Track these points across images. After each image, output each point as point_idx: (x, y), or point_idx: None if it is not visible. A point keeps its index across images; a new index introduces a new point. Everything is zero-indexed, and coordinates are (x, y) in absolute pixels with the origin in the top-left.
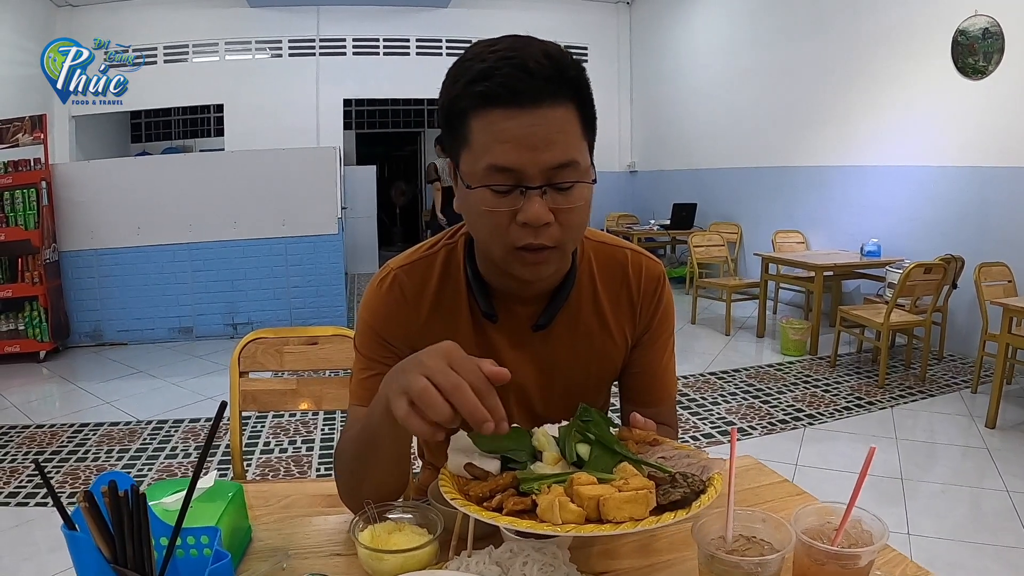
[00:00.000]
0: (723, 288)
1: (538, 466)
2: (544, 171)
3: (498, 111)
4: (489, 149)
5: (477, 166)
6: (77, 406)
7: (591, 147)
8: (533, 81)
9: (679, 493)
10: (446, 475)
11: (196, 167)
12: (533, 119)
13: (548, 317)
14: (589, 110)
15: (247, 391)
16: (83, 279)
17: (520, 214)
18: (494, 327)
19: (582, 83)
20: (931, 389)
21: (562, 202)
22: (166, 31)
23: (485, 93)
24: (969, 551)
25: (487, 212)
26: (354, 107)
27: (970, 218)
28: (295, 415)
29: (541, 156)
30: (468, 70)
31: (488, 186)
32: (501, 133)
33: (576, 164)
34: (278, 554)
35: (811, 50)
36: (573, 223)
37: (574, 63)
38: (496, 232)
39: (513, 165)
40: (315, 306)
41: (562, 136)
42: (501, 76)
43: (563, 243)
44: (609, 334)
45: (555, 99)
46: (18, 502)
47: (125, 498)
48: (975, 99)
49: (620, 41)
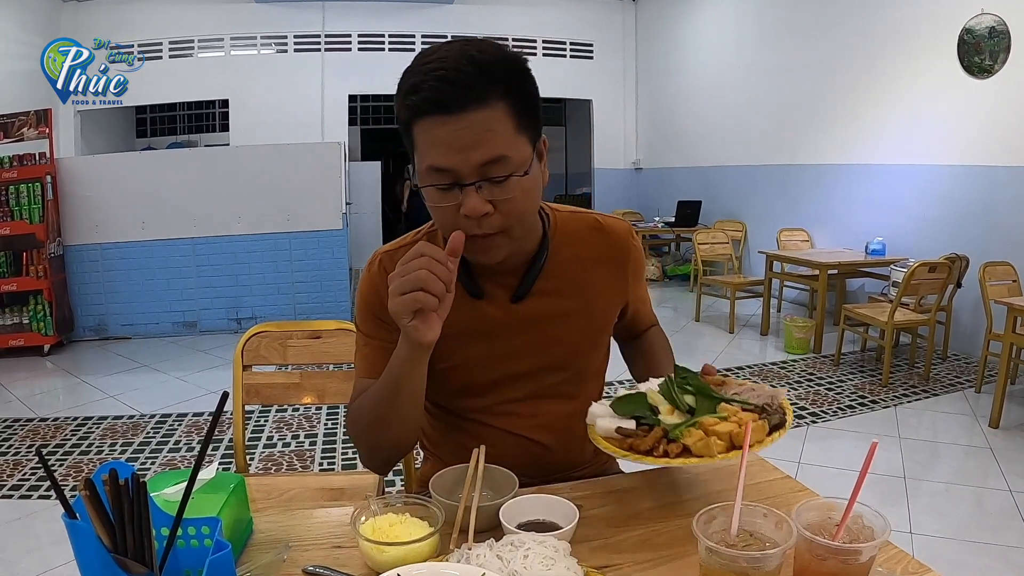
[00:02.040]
0: (727, 286)
1: (663, 417)
2: (475, 169)
3: (428, 119)
4: (428, 152)
5: (422, 167)
6: (81, 400)
7: (533, 136)
8: (455, 90)
9: (776, 418)
10: (603, 439)
11: (201, 162)
12: (459, 124)
13: (525, 288)
14: (524, 103)
15: (250, 385)
16: (87, 273)
17: (462, 207)
18: (481, 302)
19: (513, 81)
20: (935, 388)
21: (498, 194)
22: (171, 26)
23: (415, 106)
24: (972, 550)
25: (435, 208)
26: (359, 103)
27: (975, 217)
28: (298, 409)
29: (471, 156)
30: (405, 84)
31: (431, 185)
32: (434, 138)
33: (506, 159)
34: (279, 546)
35: (817, 48)
36: (513, 210)
37: (503, 62)
38: (446, 223)
39: (447, 166)
40: (319, 301)
41: (490, 135)
42: (426, 90)
43: (508, 228)
44: (593, 293)
45: (480, 102)
46: (21, 495)
47: (126, 487)
48: (981, 98)
49: (626, 38)
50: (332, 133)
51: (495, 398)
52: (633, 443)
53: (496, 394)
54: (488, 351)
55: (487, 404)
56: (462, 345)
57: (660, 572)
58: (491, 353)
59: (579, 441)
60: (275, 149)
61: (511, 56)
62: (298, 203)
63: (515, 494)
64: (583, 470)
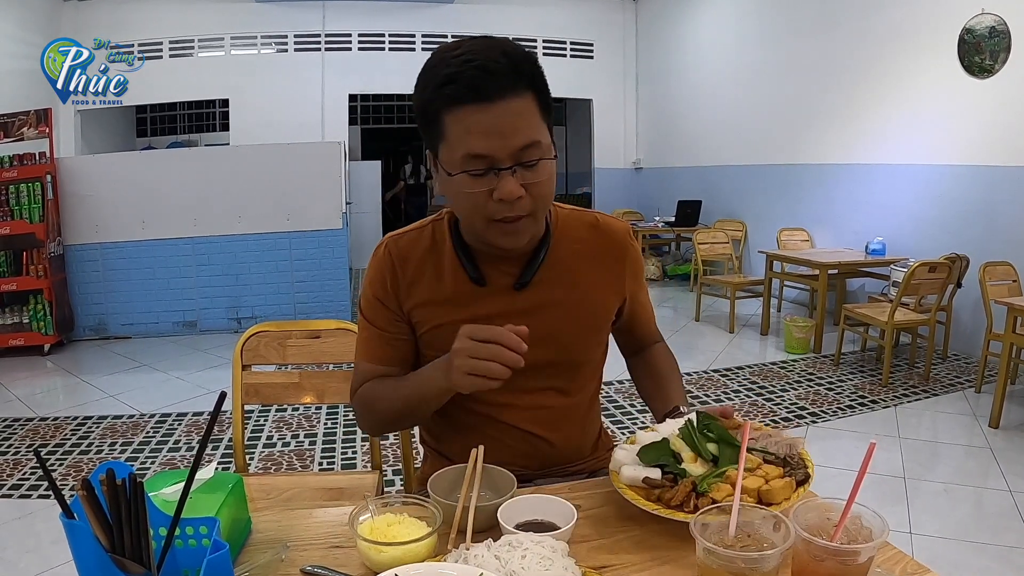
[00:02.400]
0: (727, 286)
1: (687, 466)
2: (512, 153)
3: (467, 107)
4: (463, 140)
5: (454, 156)
6: (81, 399)
7: (550, 128)
8: (494, 79)
9: (801, 473)
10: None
11: (201, 162)
12: (498, 111)
13: (528, 276)
14: (545, 96)
15: (249, 384)
16: (88, 273)
17: (496, 192)
18: (483, 289)
19: (536, 74)
20: (935, 388)
21: (530, 177)
22: (172, 26)
23: (452, 94)
24: (971, 551)
25: (467, 194)
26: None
27: (975, 217)
28: (298, 409)
29: (509, 141)
30: (436, 76)
31: (467, 172)
32: (472, 126)
33: (539, 143)
34: (277, 546)
35: (818, 47)
36: (542, 193)
37: (528, 58)
38: (476, 209)
39: (486, 151)
40: (319, 301)
41: (524, 121)
42: (466, 79)
43: (535, 211)
44: (591, 287)
45: (515, 91)
46: (21, 494)
47: (123, 487)
48: (981, 98)
49: (626, 37)
50: (332, 132)
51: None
52: (662, 495)
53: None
54: None
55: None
56: None
57: (658, 573)
58: None
59: (577, 435)
60: (275, 149)
61: (531, 54)
62: (298, 202)
63: (513, 494)
64: (582, 464)
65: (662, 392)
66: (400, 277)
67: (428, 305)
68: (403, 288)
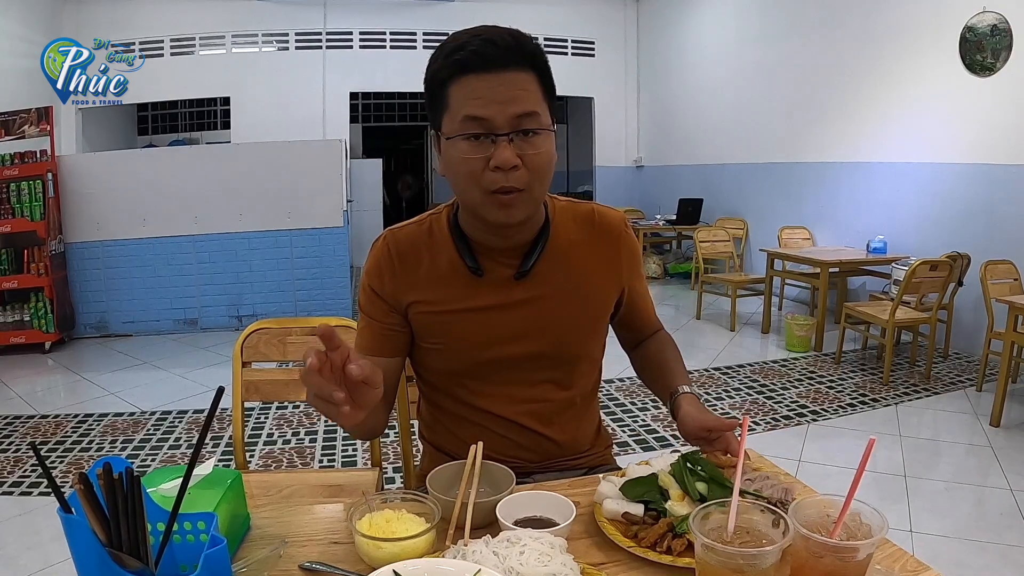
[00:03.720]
0: (728, 284)
1: (673, 504)
2: (510, 120)
3: (471, 75)
4: (464, 104)
5: (455, 121)
6: (81, 397)
7: (552, 111)
8: (498, 50)
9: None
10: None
11: (202, 160)
12: (500, 80)
13: (527, 266)
14: (547, 79)
15: (249, 381)
16: (89, 270)
17: (492, 159)
18: (481, 280)
19: (540, 57)
20: (936, 387)
21: (527, 148)
22: (173, 24)
23: (460, 61)
24: (972, 549)
25: (464, 160)
26: (360, 100)
27: (977, 216)
28: (298, 406)
29: (508, 108)
30: (447, 48)
31: (463, 134)
32: (474, 91)
33: (537, 115)
34: (276, 541)
35: (819, 46)
36: (539, 166)
37: (533, 42)
38: (472, 178)
39: (484, 115)
40: (320, 299)
41: (524, 93)
42: (473, 47)
43: (530, 185)
44: (589, 277)
45: (518, 65)
46: (22, 491)
47: (120, 481)
48: (983, 96)
49: (627, 36)
50: (333, 130)
51: (491, 381)
52: (639, 531)
53: (492, 377)
54: (485, 330)
55: (483, 388)
56: (459, 323)
57: (656, 570)
58: (488, 333)
59: (575, 429)
60: (276, 147)
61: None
62: (299, 200)
63: (512, 490)
64: (581, 458)
65: (664, 375)
66: (398, 269)
67: (426, 296)
68: (401, 280)
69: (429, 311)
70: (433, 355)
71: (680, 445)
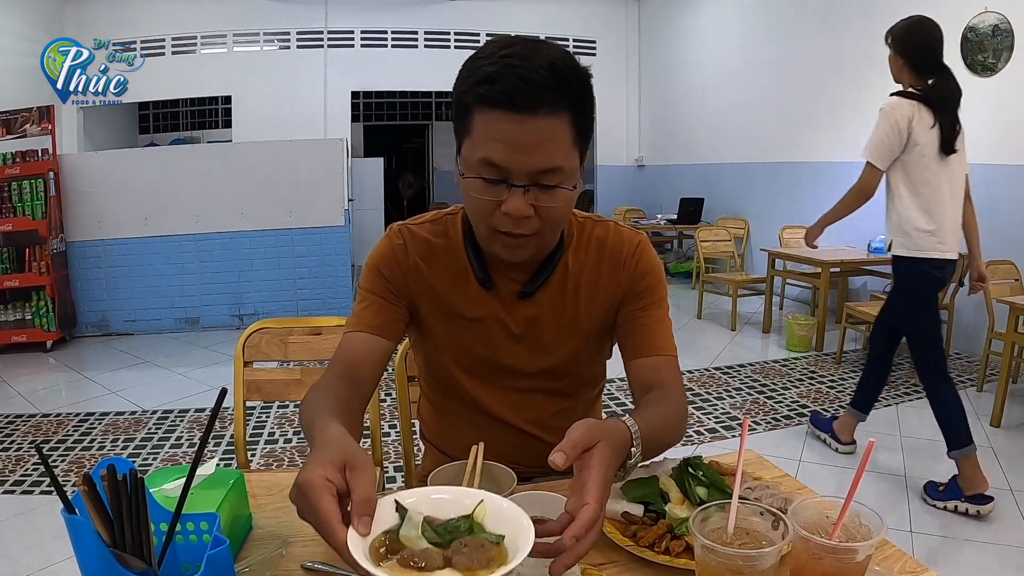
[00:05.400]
0: (729, 283)
1: (672, 507)
2: (530, 173)
3: (497, 112)
4: (485, 144)
5: (473, 156)
6: (83, 395)
7: (583, 155)
8: (531, 90)
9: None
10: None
11: (203, 158)
12: (526, 125)
13: (532, 287)
14: (585, 120)
15: (251, 381)
16: (90, 269)
17: (504, 205)
18: (490, 292)
19: (582, 95)
20: None
21: (544, 200)
22: (174, 22)
23: (487, 96)
24: (972, 549)
25: (476, 198)
26: (362, 99)
27: (978, 216)
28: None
29: (529, 159)
30: (477, 70)
31: (479, 177)
32: (497, 132)
33: (560, 170)
34: (278, 541)
35: (821, 45)
36: (552, 217)
37: (578, 74)
38: (482, 215)
39: (502, 163)
40: (321, 298)
41: (551, 144)
42: (503, 83)
43: (542, 232)
44: (596, 302)
45: (551, 109)
46: (23, 490)
47: (124, 482)
48: (984, 96)
49: (629, 35)
50: (335, 130)
51: (493, 387)
52: (637, 531)
53: (494, 383)
54: (489, 340)
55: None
56: (465, 329)
57: (656, 570)
58: (491, 343)
59: None
60: (278, 145)
61: (583, 71)
62: (300, 199)
63: (513, 491)
64: None
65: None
66: (413, 264)
67: (436, 297)
68: (413, 275)
69: (437, 311)
70: (436, 355)
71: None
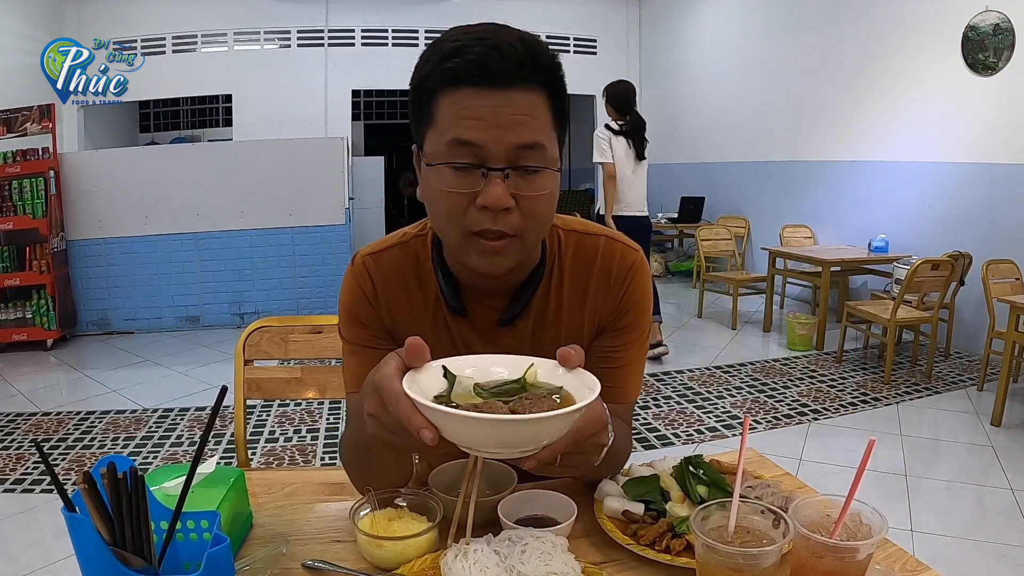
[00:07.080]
0: (730, 282)
1: (673, 506)
2: (508, 151)
3: (467, 89)
4: (453, 124)
5: (440, 143)
6: (83, 394)
7: (561, 141)
8: (505, 62)
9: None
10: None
11: (204, 157)
12: (502, 99)
13: (513, 312)
14: (561, 102)
15: (252, 379)
16: (91, 268)
17: (480, 197)
18: (464, 321)
19: (555, 74)
20: (937, 386)
21: (525, 188)
22: (175, 21)
23: (455, 70)
24: (972, 549)
25: (446, 192)
26: (362, 98)
27: (979, 215)
28: (300, 404)
29: (507, 135)
30: (440, 49)
31: (449, 163)
32: (468, 110)
33: (543, 148)
34: (278, 540)
35: (821, 44)
36: (536, 212)
37: (549, 54)
38: (453, 214)
39: (476, 140)
40: (322, 296)
41: (530, 119)
42: (473, 54)
43: (524, 232)
44: (580, 328)
45: (526, 83)
46: (24, 489)
47: (124, 480)
48: (985, 95)
49: (629, 34)
50: (335, 128)
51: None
52: (638, 530)
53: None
54: None
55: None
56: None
57: (656, 569)
58: None
59: None
60: (278, 144)
61: (555, 54)
62: (301, 198)
63: (513, 490)
64: None
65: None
66: (381, 299)
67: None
68: (384, 310)
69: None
70: None
71: (681, 444)
